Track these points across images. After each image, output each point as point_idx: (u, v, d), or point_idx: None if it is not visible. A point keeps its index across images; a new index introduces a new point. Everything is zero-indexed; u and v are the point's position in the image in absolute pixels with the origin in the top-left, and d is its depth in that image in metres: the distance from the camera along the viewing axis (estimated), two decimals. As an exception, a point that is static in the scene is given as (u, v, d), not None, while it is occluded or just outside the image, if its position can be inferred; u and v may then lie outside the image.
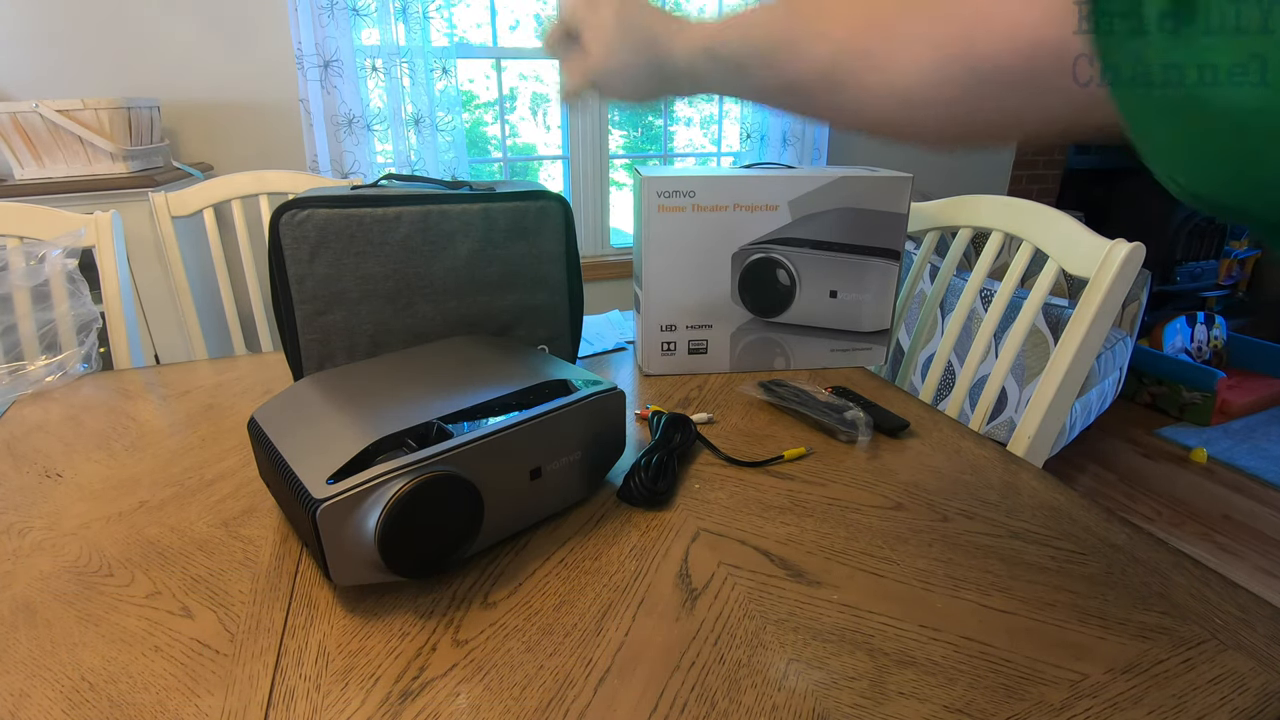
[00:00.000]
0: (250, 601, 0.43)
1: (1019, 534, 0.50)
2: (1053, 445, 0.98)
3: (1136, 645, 0.39)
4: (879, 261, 0.80)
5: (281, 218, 0.63)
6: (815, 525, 0.51)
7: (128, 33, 1.65)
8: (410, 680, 0.37)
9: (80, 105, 1.37)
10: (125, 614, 0.42)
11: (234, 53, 1.75)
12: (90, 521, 0.52)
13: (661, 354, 0.80)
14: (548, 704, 0.36)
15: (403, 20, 1.73)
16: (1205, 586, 0.44)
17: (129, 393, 0.77)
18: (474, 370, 0.54)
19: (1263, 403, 2.55)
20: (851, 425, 0.64)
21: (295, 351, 0.67)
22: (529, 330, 0.74)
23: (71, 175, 1.42)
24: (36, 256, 0.84)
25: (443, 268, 0.68)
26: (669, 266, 0.77)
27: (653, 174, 0.74)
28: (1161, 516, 1.94)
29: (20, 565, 0.47)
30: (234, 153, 1.82)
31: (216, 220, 1.17)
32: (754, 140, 2.31)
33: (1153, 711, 0.35)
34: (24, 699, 0.36)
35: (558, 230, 0.72)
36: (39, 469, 0.60)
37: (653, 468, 0.55)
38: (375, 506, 0.40)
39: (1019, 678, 0.37)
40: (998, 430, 1.85)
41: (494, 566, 0.47)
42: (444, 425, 0.45)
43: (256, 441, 0.50)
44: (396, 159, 1.83)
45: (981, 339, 0.85)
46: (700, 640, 0.40)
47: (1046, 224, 0.79)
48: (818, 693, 0.36)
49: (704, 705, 0.35)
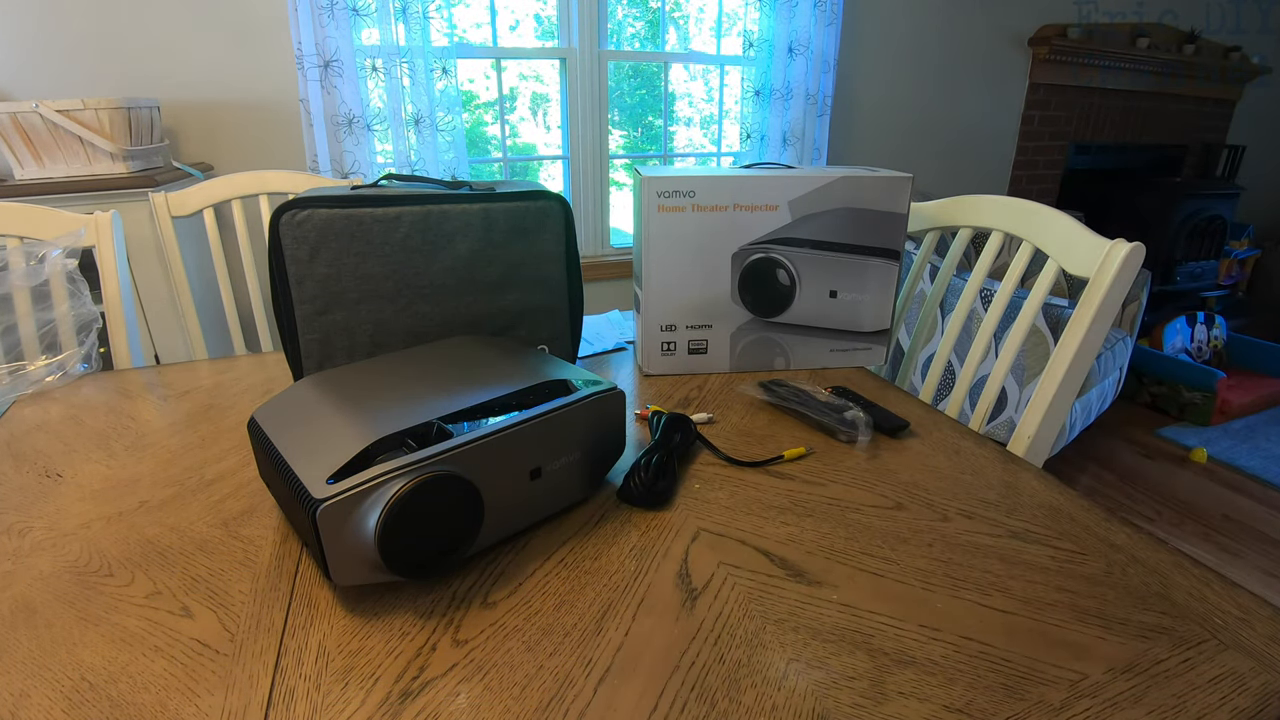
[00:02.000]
0: (250, 601, 0.43)
1: (1019, 534, 0.50)
2: (1053, 445, 0.98)
3: (1136, 645, 0.39)
4: (879, 261, 0.80)
5: (281, 218, 0.63)
6: (815, 525, 0.51)
7: (128, 33, 1.65)
8: (410, 680, 0.37)
9: (80, 105, 1.37)
10: (125, 614, 0.42)
11: (234, 53, 1.75)
12: (90, 521, 0.52)
13: (661, 354, 0.80)
14: (548, 704, 0.36)
15: (403, 20, 1.73)
16: (1205, 586, 0.44)
17: (129, 393, 0.77)
18: (474, 370, 0.54)
19: (1263, 403, 2.55)
20: (851, 425, 0.64)
21: (295, 351, 0.67)
22: (529, 330, 0.74)
23: (71, 175, 1.42)
24: (36, 256, 0.84)
25: (443, 268, 0.68)
26: (669, 266, 0.77)
27: (653, 174, 0.74)
28: (1161, 516, 1.94)
29: (20, 565, 0.47)
30: (234, 153, 1.82)
31: (216, 220, 1.17)
32: (754, 140, 2.31)
33: (1152, 711, 0.35)
34: (24, 699, 0.36)
35: (558, 230, 0.72)
36: (39, 469, 0.60)
37: (653, 468, 0.55)
38: (375, 506, 0.40)
39: (1019, 677, 0.37)
40: (998, 430, 1.85)
41: (494, 566, 0.47)
42: (444, 425, 0.45)
43: (256, 441, 0.50)
44: (396, 159, 1.83)
45: (981, 339, 0.85)
46: (700, 640, 0.40)
47: (1046, 224, 0.79)
48: (818, 693, 0.36)
49: (704, 705, 0.35)
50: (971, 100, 2.81)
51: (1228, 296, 3.44)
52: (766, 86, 2.24)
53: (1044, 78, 2.90)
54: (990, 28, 2.74)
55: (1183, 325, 2.76)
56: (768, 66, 2.22)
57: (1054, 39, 2.77)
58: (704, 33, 2.44)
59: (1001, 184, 3.04)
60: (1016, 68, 2.87)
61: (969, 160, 2.91)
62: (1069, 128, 3.08)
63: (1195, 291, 3.33)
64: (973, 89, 2.79)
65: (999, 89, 2.87)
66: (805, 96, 2.26)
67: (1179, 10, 3.18)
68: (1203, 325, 2.80)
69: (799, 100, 2.26)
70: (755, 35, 2.22)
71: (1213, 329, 2.82)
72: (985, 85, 2.82)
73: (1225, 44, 3.34)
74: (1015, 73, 2.88)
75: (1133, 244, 0.69)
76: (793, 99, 2.26)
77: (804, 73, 2.23)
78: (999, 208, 0.86)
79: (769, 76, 2.23)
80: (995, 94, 2.87)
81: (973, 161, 2.92)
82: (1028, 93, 2.92)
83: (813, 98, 2.28)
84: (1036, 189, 3.12)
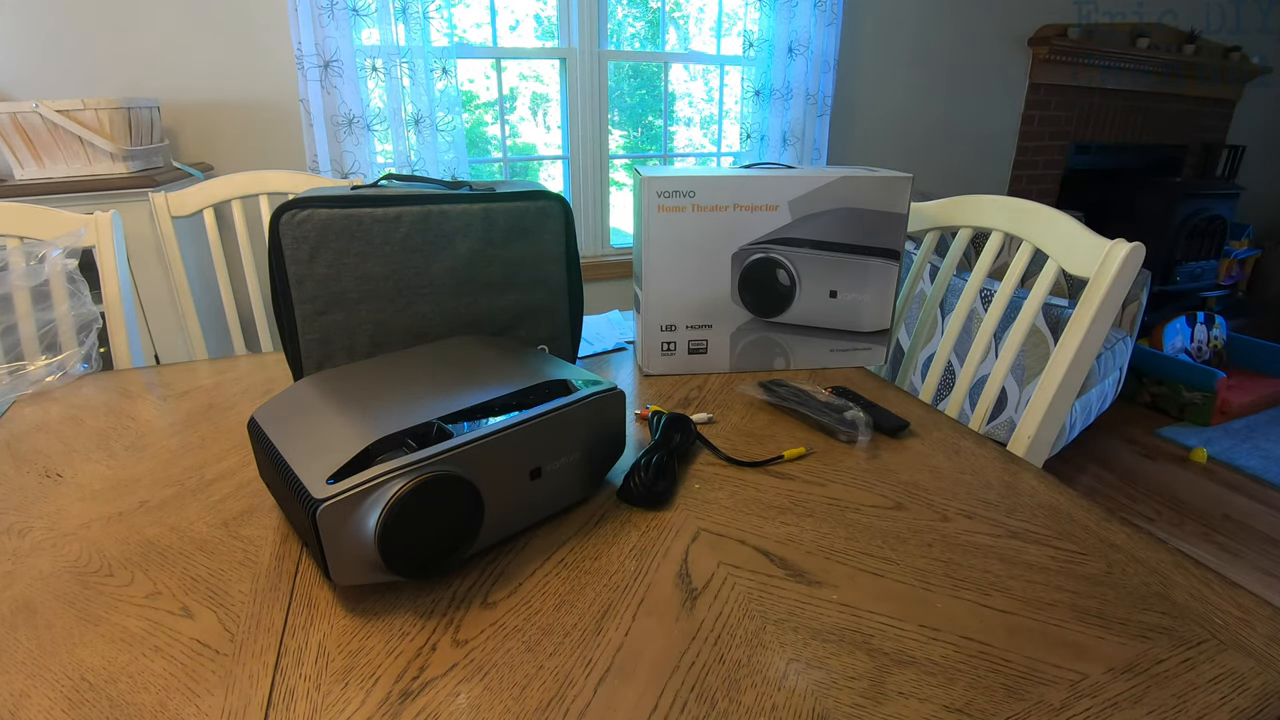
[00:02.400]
0: (250, 601, 0.43)
1: (1019, 534, 0.50)
2: (1053, 445, 0.98)
3: (1136, 645, 0.39)
4: (879, 261, 0.80)
5: (281, 218, 0.63)
6: (815, 525, 0.51)
7: (128, 33, 1.65)
8: (410, 680, 0.37)
9: (80, 105, 1.37)
10: (125, 614, 0.42)
11: (234, 53, 1.75)
12: (90, 521, 0.52)
13: (661, 354, 0.80)
14: (548, 704, 0.36)
15: (403, 20, 1.73)
16: (1205, 586, 0.44)
17: (129, 393, 0.77)
18: (474, 370, 0.54)
19: (1263, 403, 2.55)
20: (851, 425, 0.64)
21: (295, 351, 0.67)
22: (529, 330, 0.74)
23: (71, 175, 1.42)
24: (36, 256, 0.84)
25: (443, 268, 0.68)
26: (669, 266, 0.77)
27: (653, 174, 0.74)
28: (1161, 516, 1.94)
29: (20, 565, 0.47)
30: (234, 153, 1.82)
31: (216, 220, 1.17)
32: (754, 140, 2.31)
33: (1152, 711, 0.35)
34: (24, 699, 0.36)
35: (558, 230, 0.72)
36: (39, 469, 0.60)
37: (653, 468, 0.55)
38: (375, 506, 0.40)
39: (1019, 678, 0.37)
40: (998, 430, 1.85)
41: (494, 566, 0.47)
42: (444, 425, 0.45)
43: (256, 441, 0.50)
44: (396, 159, 1.83)
45: (981, 339, 0.85)
46: (700, 640, 0.40)
47: (1046, 224, 0.79)
48: (818, 693, 0.36)
49: (704, 705, 0.35)
50: (972, 100, 2.81)
51: (1228, 296, 3.44)
52: (766, 86, 2.24)
53: (1044, 78, 2.90)
54: (990, 28, 2.74)
55: (1183, 325, 2.76)
56: (768, 66, 2.22)
57: (1054, 39, 2.77)
58: (704, 33, 2.44)
59: (1001, 184, 3.04)
60: (1016, 68, 2.87)
61: (969, 160, 2.91)
62: (1069, 128, 3.08)
63: (1195, 291, 3.33)
64: (973, 89, 2.80)
65: (999, 89, 2.87)
66: (805, 96, 2.26)
67: (1179, 10, 3.18)
68: (1203, 325, 2.80)
69: (799, 100, 2.26)
70: (755, 35, 2.22)
71: (1213, 329, 2.82)
72: (985, 85, 2.82)
73: (1225, 44, 3.34)
74: (1015, 73, 2.88)
75: (1133, 244, 0.69)
76: (793, 99, 2.26)
77: (804, 73, 2.23)
78: (999, 208, 0.86)
79: (769, 76, 2.23)
80: (995, 94, 2.87)
81: (973, 161, 2.92)
82: (1028, 93, 2.92)
83: (813, 98, 2.28)
84: (1036, 189, 3.12)
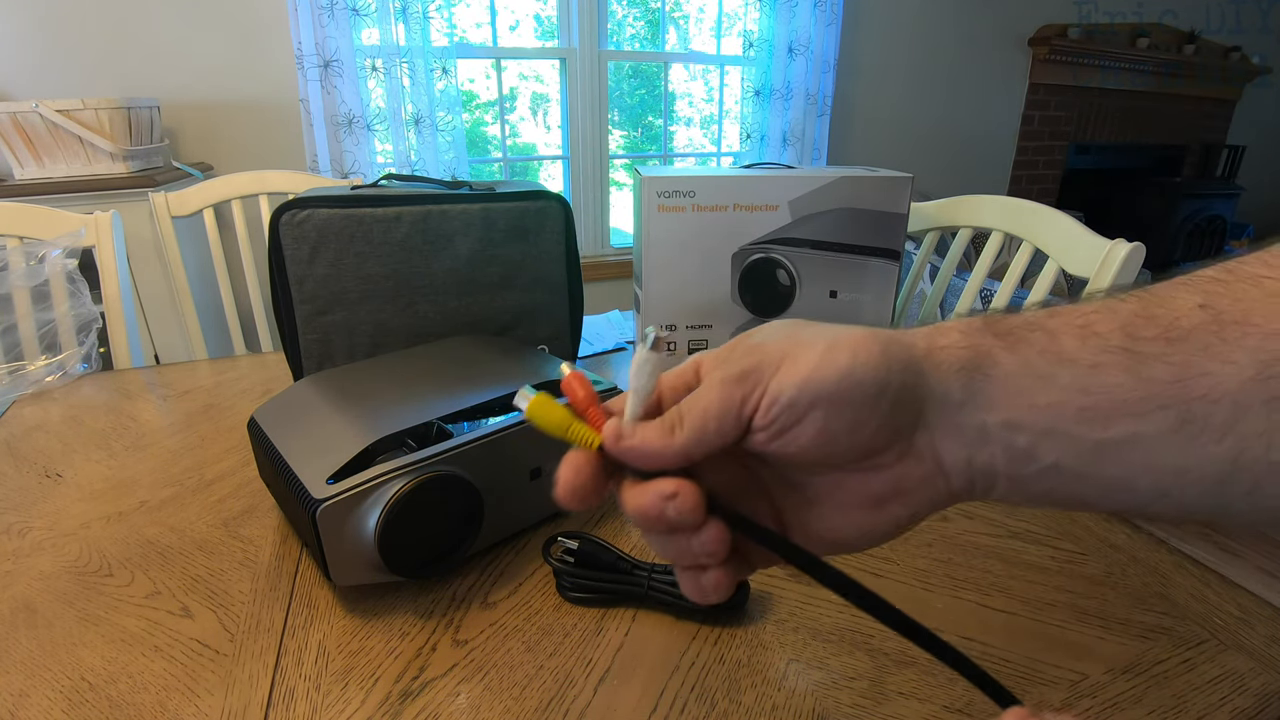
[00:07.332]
0: (250, 601, 0.43)
1: (1019, 534, 0.50)
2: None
3: (1136, 645, 0.39)
4: (879, 261, 0.80)
5: (281, 218, 0.63)
6: (815, 525, 0.51)
7: (128, 33, 1.65)
8: (410, 680, 0.37)
9: (80, 105, 1.37)
10: (125, 614, 0.42)
11: (234, 53, 1.75)
12: (90, 521, 0.52)
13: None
14: (548, 704, 0.36)
15: (403, 20, 1.73)
16: (1205, 586, 0.44)
17: (129, 393, 0.77)
18: (474, 370, 0.54)
19: (1263, 403, 2.55)
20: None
21: (295, 351, 0.67)
22: (529, 330, 0.74)
23: (71, 175, 1.42)
24: (36, 256, 0.84)
25: (443, 268, 0.68)
26: (669, 266, 0.77)
27: (653, 174, 0.74)
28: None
29: (20, 565, 0.47)
30: (234, 153, 1.82)
31: (216, 220, 1.17)
32: (754, 140, 2.31)
33: (1152, 711, 0.35)
34: (24, 699, 0.36)
35: (558, 230, 0.72)
36: (39, 469, 0.60)
37: (653, 468, 0.54)
38: (375, 506, 0.40)
39: (1019, 678, 0.37)
40: (998, 430, 1.85)
41: (494, 566, 0.47)
42: (444, 425, 0.45)
43: (256, 441, 0.50)
44: (396, 159, 1.83)
45: (981, 339, 0.85)
46: (700, 640, 0.40)
47: (1046, 224, 0.79)
48: (818, 693, 0.36)
49: (704, 705, 0.35)
50: (972, 100, 2.81)
51: (1228, 296, 3.44)
52: (766, 86, 2.24)
53: (1044, 78, 2.90)
54: (990, 28, 2.74)
55: (1183, 325, 2.76)
56: (768, 66, 2.22)
57: (1054, 39, 2.78)
58: (704, 33, 2.44)
59: (1001, 184, 3.04)
60: (1016, 68, 2.87)
61: (969, 160, 2.91)
62: (1069, 128, 3.08)
63: (1195, 291, 3.33)
64: (973, 89, 2.80)
65: (999, 89, 2.87)
66: (805, 96, 2.26)
67: (1179, 10, 3.18)
68: (1203, 325, 2.80)
69: (799, 100, 2.26)
70: (755, 35, 2.22)
71: (1213, 329, 2.82)
72: (985, 85, 2.82)
73: (1225, 44, 3.34)
74: (1015, 73, 2.88)
75: (1132, 244, 0.69)
76: (793, 99, 2.26)
77: (804, 73, 2.23)
78: (999, 208, 0.86)
79: (769, 76, 2.23)
80: (995, 94, 2.87)
81: (973, 161, 2.92)
82: (1028, 93, 2.92)
83: (813, 98, 2.28)
84: (1036, 189, 3.12)
